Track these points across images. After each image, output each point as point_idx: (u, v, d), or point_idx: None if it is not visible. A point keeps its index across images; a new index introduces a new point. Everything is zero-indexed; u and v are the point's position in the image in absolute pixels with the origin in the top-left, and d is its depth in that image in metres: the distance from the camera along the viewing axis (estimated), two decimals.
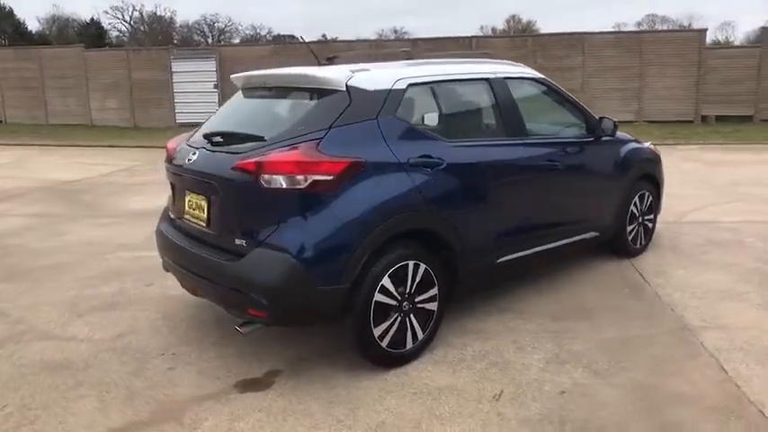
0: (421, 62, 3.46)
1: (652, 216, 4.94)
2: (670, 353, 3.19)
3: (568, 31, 16.93)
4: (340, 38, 27.13)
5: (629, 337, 3.38)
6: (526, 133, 3.74)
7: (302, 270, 2.68)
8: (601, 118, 4.29)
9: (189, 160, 3.14)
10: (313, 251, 2.70)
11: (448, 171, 3.15)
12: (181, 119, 17.45)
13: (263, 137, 2.92)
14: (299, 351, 3.28)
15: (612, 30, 21.26)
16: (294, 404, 2.77)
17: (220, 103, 17.61)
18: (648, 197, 4.83)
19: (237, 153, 2.89)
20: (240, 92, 3.60)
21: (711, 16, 72.84)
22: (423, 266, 3.04)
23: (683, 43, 15.45)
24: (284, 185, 2.69)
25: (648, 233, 4.94)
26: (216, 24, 50.95)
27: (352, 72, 3.02)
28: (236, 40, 46.10)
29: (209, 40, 48.68)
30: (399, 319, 3.00)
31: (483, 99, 3.61)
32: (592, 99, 16.03)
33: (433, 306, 3.15)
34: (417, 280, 3.03)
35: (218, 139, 3.12)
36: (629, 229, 4.66)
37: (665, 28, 39.99)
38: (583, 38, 16.05)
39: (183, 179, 3.25)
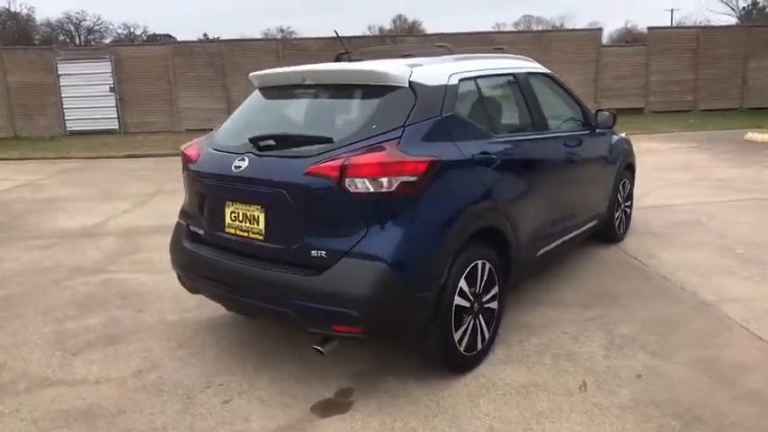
0: (460, 57, 3.43)
1: (630, 203, 5.33)
2: (707, 327, 3.46)
3: (477, 30, 17.72)
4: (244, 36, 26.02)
5: (663, 317, 3.61)
6: (548, 127, 3.87)
7: (398, 278, 2.55)
8: (597, 111, 4.54)
9: (237, 167, 2.84)
10: (406, 257, 2.58)
11: (501, 167, 3.16)
12: (72, 126, 15.86)
13: (330, 138, 2.72)
14: (354, 366, 3.11)
15: (519, 29, 22.53)
16: (390, 423, 2.63)
17: (120, 108, 16.38)
18: (628, 184, 5.19)
19: (306, 157, 2.67)
20: (261, 91, 3.34)
21: (582, 18, 79.86)
22: (488, 265, 3.02)
23: (583, 42, 16.79)
24: (371, 189, 2.54)
25: (628, 219, 5.31)
26: (83, 23, 46.93)
27: (411, 67, 2.92)
28: (108, 40, 42.75)
29: (78, 40, 44.71)
30: (472, 321, 2.96)
31: (515, 94, 3.66)
32: None
33: (494, 305, 3.14)
34: (484, 280, 3.01)
35: (270, 142, 2.86)
36: (616, 215, 4.99)
37: (541, 28, 43.20)
38: (492, 37, 16.86)
39: (225, 189, 2.95)
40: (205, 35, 34.91)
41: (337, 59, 3.84)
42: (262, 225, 2.80)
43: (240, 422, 2.68)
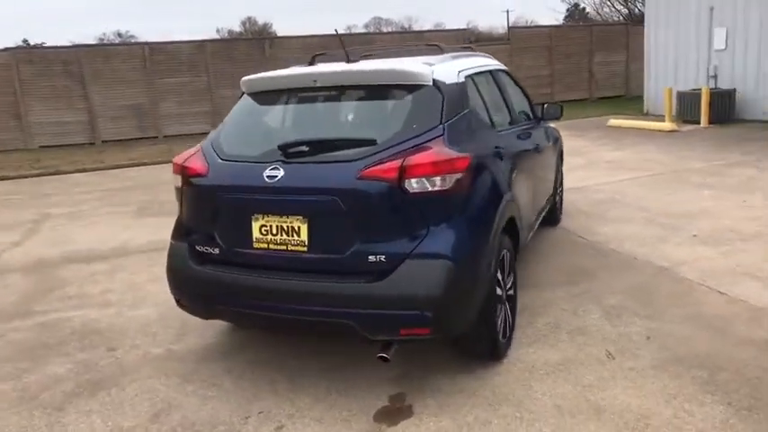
0: (455, 55, 3.52)
1: (562, 187, 5.84)
2: (676, 289, 3.94)
3: (360, 32, 17.98)
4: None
5: (636, 285, 4.04)
6: (519, 120, 4.13)
7: (463, 274, 2.58)
8: (544, 103, 4.91)
9: (270, 177, 2.66)
10: (468, 253, 2.62)
11: (506, 159, 3.33)
12: None
13: (373, 140, 2.66)
14: (389, 370, 3.07)
15: (399, 30, 23.17)
16: (461, 419, 2.65)
17: None
18: (561, 171, 5.69)
19: (352, 161, 2.58)
20: (259, 96, 3.15)
21: (427, 20, 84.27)
22: (509, 254, 3.17)
23: (454, 41, 17.78)
24: (430, 188, 2.53)
25: (562, 202, 5.82)
26: None
27: (429, 65, 2.95)
28: None
29: None
30: (502, 308, 3.09)
31: (497, 90, 3.85)
32: None
33: (512, 291, 3.30)
34: (507, 269, 3.15)
35: (303, 148, 2.72)
36: (557, 199, 5.45)
37: (390, 30, 44.72)
38: (372, 38, 17.25)
39: (252, 201, 2.75)
40: (25, 41, 31.09)
41: (311, 63, 3.75)
42: (304, 236, 2.66)
43: None
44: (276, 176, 2.66)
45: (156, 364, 3.37)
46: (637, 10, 22.90)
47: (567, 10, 52.93)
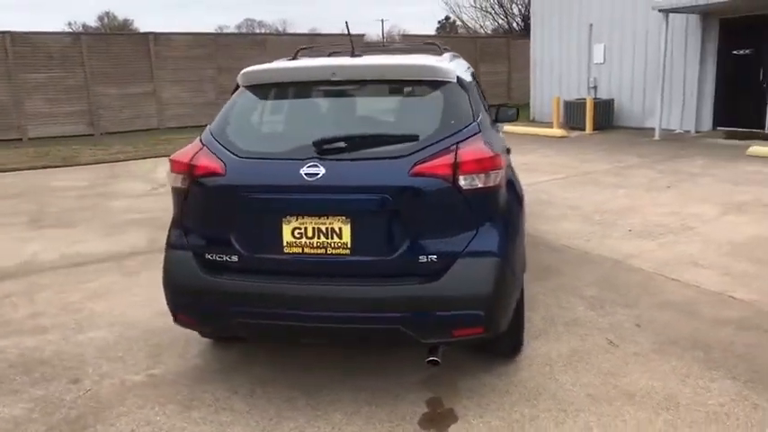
0: (453, 55, 3.52)
1: None
2: (638, 279, 4.29)
3: (247, 31, 17.34)
4: None
5: (602, 277, 4.34)
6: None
7: (510, 271, 2.59)
8: (499, 106, 5.10)
9: (310, 175, 2.46)
10: (512, 249, 2.63)
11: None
12: None
13: (415, 136, 2.56)
14: (410, 375, 3.01)
15: (291, 33, 22.43)
16: (508, 417, 2.66)
17: None
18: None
19: (399, 157, 2.48)
20: (263, 88, 2.91)
21: (301, 24, 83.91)
22: None
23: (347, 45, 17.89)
24: (479, 185, 2.50)
25: None
26: None
27: (449, 62, 2.93)
28: None
29: None
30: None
31: (479, 90, 3.92)
32: None
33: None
34: None
35: (341, 144, 2.54)
36: None
37: (265, 31, 43.77)
38: (265, 38, 16.76)
39: (284, 202, 2.53)
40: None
41: (294, 57, 3.58)
42: (347, 238, 2.50)
43: None
44: (317, 174, 2.47)
45: (141, 392, 2.97)
46: (515, 24, 24.78)
47: (439, 22, 55.88)
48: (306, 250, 2.54)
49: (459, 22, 28.34)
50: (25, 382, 3.11)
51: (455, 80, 2.85)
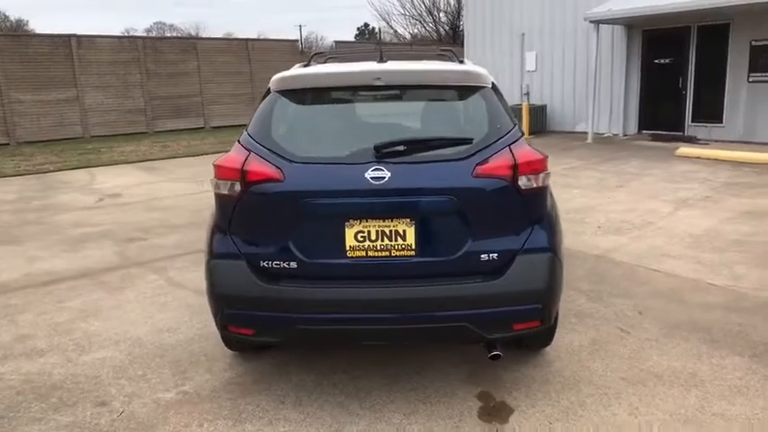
0: (464, 61, 3.65)
1: None
2: (623, 272, 4.63)
3: (178, 35, 16.73)
4: None
5: (591, 271, 4.65)
6: None
7: (560, 265, 2.75)
8: None
9: (376, 179, 2.50)
10: (559, 244, 2.79)
11: None
12: None
13: (469, 139, 2.66)
14: (445, 375, 3.11)
15: (223, 37, 21.69)
16: (563, 406, 2.82)
17: None
18: None
19: (460, 159, 2.57)
20: (297, 94, 2.90)
21: (218, 28, 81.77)
22: None
23: (283, 51, 17.73)
24: (533, 185, 2.65)
25: None
26: None
27: (480, 68, 3.06)
28: None
29: None
30: None
31: None
32: (211, 104, 16.59)
33: None
34: None
35: (400, 148, 2.59)
36: None
37: (177, 35, 42.27)
38: (195, 43, 16.23)
39: (348, 206, 2.55)
40: None
41: (307, 64, 3.59)
42: (411, 240, 2.56)
43: None
44: (384, 178, 2.51)
45: (181, 409, 2.86)
46: (443, 31, 25.54)
47: (359, 29, 56.44)
48: (370, 254, 2.58)
49: (387, 29, 28.86)
50: (45, 409, 2.90)
51: (490, 85, 2.99)
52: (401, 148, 2.61)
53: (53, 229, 6.52)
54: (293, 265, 2.61)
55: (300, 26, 75.68)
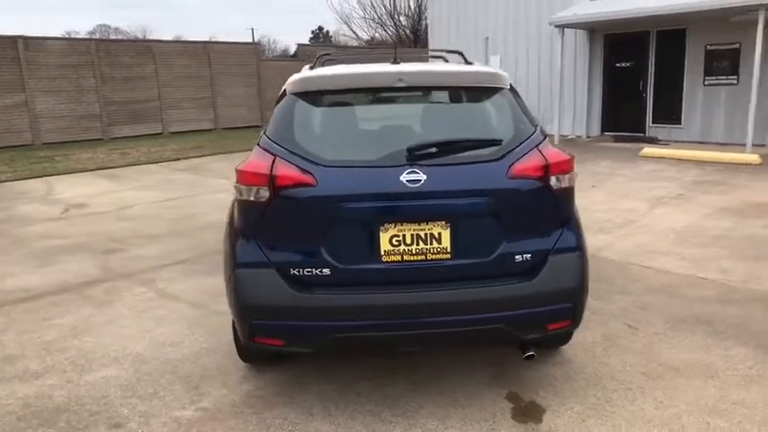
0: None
1: None
2: (619, 270, 4.76)
3: (132, 38, 16.20)
4: None
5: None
6: None
7: (586, 263, 2.79)
8: None
9: (412, 182, 2.48)
10: (584, 243, 2.83)
11: None
12: None
13: (499, 140, 2.68)
14: (477, 374, 3.12)
15: (180, 39, 20.95)
16: (591, 400, 2.86)
17: None
18: None
19: (492, 160, 2.58)
20: (317, 96, 2.85)
21: (163, 31, 79.72)
22: None
23: (244, 54, 17.44)
24: (562, 185, 2.68)
25: None
26: None
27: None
28: None
29: None
30: None
31: None
32: (170, 108, 16.17)
33: None
34: None
35: (432, 150, 2.58)
36: None
37: (120, 38, 40.86)
38: (151, 46, 15.76)
39: (382, 210, 2.53)
40: None
41: (313, 66, 3.56)
42: (446, 242, 2.55)
43: None
44: (418, 180, 2.50)
45: (205, 427, 2.75)
46: (403, 34, 25.69)
47: (313, 32, 56.17)
48: (405, 258, 2.55)
49: (348, 32, 28.78)
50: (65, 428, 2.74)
51: (508, 87, 3.02)
52: (433, 150, 2.60)
53: (20, 243, 6.18)
54: (326, 271, 2.56)
55: (252, 29, 74.61)
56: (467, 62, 3.49)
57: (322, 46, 21.87)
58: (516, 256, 2.62)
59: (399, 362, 3.26)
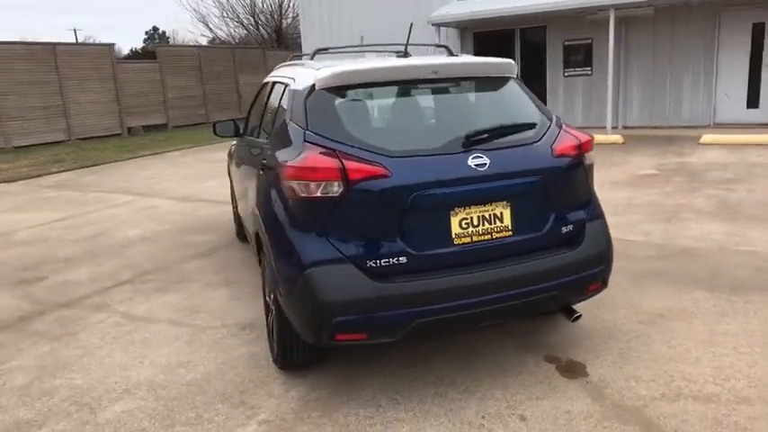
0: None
1: None
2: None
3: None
4: None
5: None
6: None
7: (608, 229, 3.14)
8: None
9: (479, 166, 2.61)
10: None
11: None
12: None
13: (533, 124, 2.91)
14: (509, 346, 3.35)
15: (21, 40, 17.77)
16: (623, 347, 3.22)
17: None
18: None
19: (534, 142, 2.82)
20: (350, 89, 2.86)
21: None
22: None
23: (97, 57, 15.84)
24: (589, 161, 3.00)
25: None
26: None
27: None
28: None
29: None
30: None
31: None
32: (11, 120, 14.30)
33: None
34: None
35: (485, 135, 2.73)
36: None
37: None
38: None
39: (453, 195, 2.64)
40: None
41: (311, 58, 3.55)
42: (507, 221, 2.73)
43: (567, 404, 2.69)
44: (485, 164, 2.64)
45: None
46: (265, 33, 25.00)
47: (147, 33, 52.44)
48: (474, 239, 2.69)
49: (205, 31, 27.14)
50: None
51: (515, 75, 3.28)
52: (485, 135, 2.77)
53: None
54: (402, 260, 2.60)
55: (75, 30, 67.38)
56: (452, 54, 3.73)
57: (179, 47, 20.56)
58: (563, 228, 2.89)
59: (428, 345, 3.37)
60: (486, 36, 13.47)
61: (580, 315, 3.08)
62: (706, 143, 9.75)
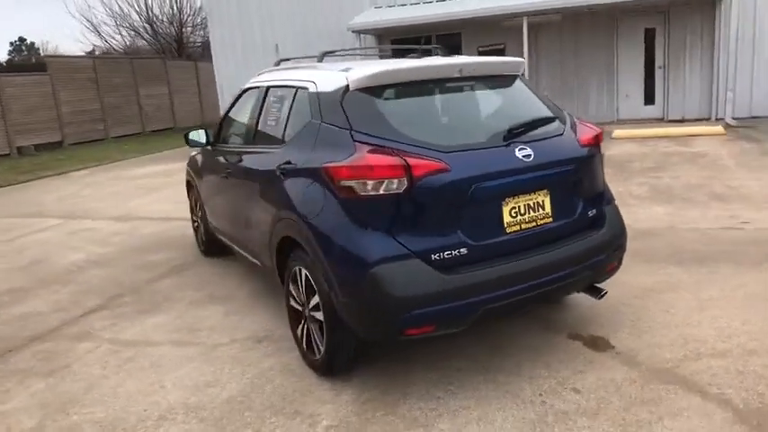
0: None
1: None
2: None
3: None
4: None
5: None
6: None
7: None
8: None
9: (526, 156, 2.77)
10: None
11: None
12: None
13: (553, 117, 3.13)
14: (531, 328, 3.55)
15: None
16: (642, 326, 3.52)
17: None
18: None
19: (560, 135, 3.05)
20: (384, 89, 2.94)
21: None
22: None
23: None
24: (602, 151, 3.27)
25: None
26: None
27: None
28: None
29: None
30: None
31: None
32: None
33: None
34: None
35: (521, 129, 2.91)
36: None
37: None
38: None
39: (504, 186, 2.79)
40: None
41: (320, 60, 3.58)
42: (548, 208, 2.92)
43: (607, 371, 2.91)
44: (530, 156, 2.81)
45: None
46: (165, 42, 23.69)
47: (12, 44, 48.01)
48: (523, 226, 2.86)
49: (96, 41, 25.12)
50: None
51: (521, 73, 3.50)
52: (521, 129, 2.96)
53: None
54: (463, 251, 2.70)
55: None
56: (445, 56, 3.91)
57: (72, 57, 18.96)
58: (589, 212, 3.14)
59: (455, 338, 3.48)
60: (403, 43, 13.86)
61: (606, 291, 3.34)
62: (618, 137, 10.73)
